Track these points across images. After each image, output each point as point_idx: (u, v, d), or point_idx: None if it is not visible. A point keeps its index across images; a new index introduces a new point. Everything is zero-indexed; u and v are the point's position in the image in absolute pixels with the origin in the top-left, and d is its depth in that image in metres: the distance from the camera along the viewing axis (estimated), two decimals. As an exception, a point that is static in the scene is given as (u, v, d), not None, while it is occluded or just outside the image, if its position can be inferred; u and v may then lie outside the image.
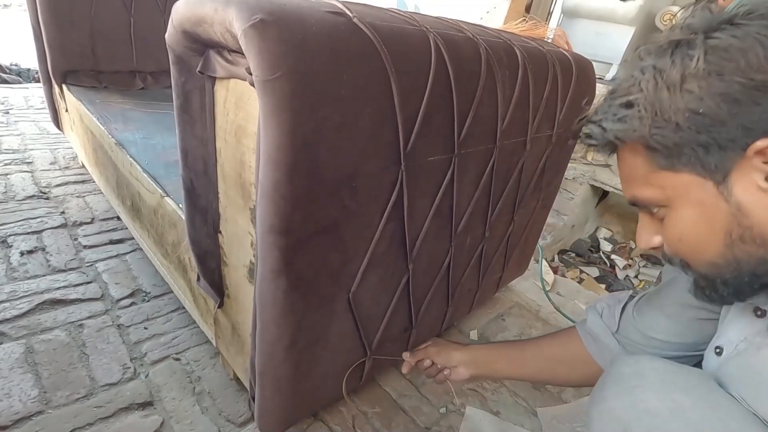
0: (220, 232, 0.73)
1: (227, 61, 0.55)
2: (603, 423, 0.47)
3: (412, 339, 0.92)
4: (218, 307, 0.80)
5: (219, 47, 0.55)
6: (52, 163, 1.72)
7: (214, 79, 0.60)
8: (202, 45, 0.57)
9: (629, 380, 0.47)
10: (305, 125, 0.47)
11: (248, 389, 0.77)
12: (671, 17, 3.45)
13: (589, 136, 0.46)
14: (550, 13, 3.93)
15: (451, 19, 0.72)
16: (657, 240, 0.47)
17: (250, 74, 0.48)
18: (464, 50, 0.65)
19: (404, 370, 0.87)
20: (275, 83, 0.44)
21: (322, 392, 0.77)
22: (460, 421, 0.90)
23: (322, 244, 0.57)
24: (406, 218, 0.67)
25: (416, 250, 0.74)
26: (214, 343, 0.89)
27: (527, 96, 0.80)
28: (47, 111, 1.73)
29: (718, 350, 0.51)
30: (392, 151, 0.59)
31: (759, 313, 0.45)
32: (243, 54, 0.51)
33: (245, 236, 0.65)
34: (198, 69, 0.59)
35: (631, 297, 0.69)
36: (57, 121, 1.72)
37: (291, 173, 0.48)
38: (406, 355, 0.86)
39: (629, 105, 0.42)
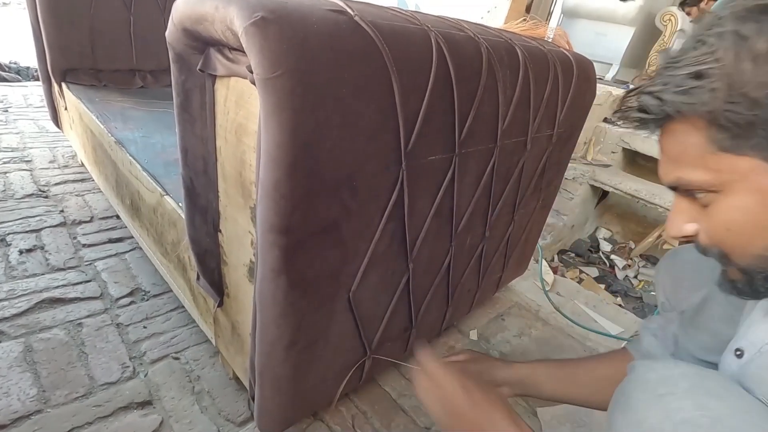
0: (220, 231, 0.72)
1: (228, 59, 0.55)
2: None
3: (412, 339, 0.92)
4: (218, 306, 0.80)
5: (219, 45, 0.55)
6: (51, 162, 1.71)
7: (214, 78, 0.60)
8: (202, 43, 0.57)
9: (657, 387, 0.43)
10: (306, 124, 0.47)
11: (248, 389, 0.77)
12: (671, 18, 3.46)
13: (640, 108, 0.41)
14: (550, 14, 3.93)
15: (452, 19, 0.72)
16: (691, 228, 0.43)
17: (251, 72, 0.47)
18: (465, 49, 0.65)
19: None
20: (276, 81, 0.44)
21: (321, 392, 0.77)
22: None
23: (323, 243, 0.57)
24: (407, 218, 0.67)
25: (416, 249, 0.74)
26: (214, 343, 0.89)
27: (528, 96, 0.80)
28: (46, 109, 1.73)
29: (738, 352, 0.49)
30: (393, 150, 0.59)
31: None
32: (244, 52, 0.50)
33: (245, 235, 0.65)
34: (198, 67, 0.58)
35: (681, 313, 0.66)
36: (56, 119, 1.71)
37: (291, 172, 0.48)
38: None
39: (699, 75, 0.37)
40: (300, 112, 0.46)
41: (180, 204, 0.88)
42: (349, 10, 0.51)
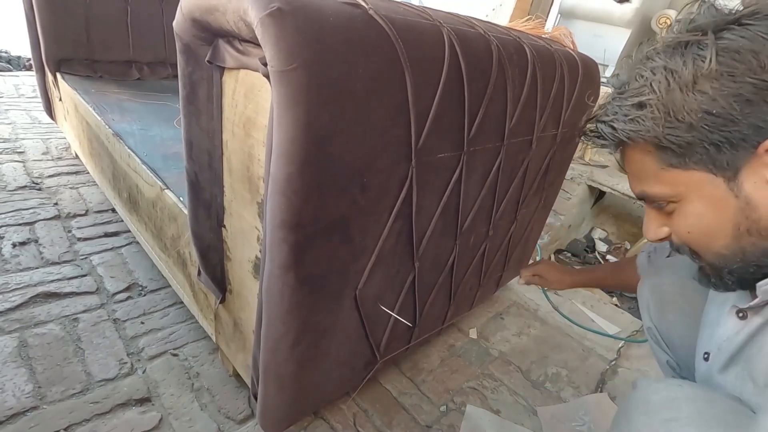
0: (224, 227, 0.71)
1: (238, 51, 0.53)
2: None
3: (414, 337, 0.92)
4: (219, 302, 0.79)
5: (230, 36, 0.54)
6: (44, 153, 1.68)
7: (222, 70, 0.59)
8: (211, 34, 0.55)
9: (661, 412, 0.44)
10: (320, 118, 0.46)
11: (249, 386, 0.76)
12: (667, 20, 3.49)
13: (598, 135, 0.47)
14: (548, 14, 3.93)
15: (462, 15, 0.71)
16: (665, 231, 0.48)
17: (264, 65, 0.46)
18: (476, 46, 0.64)
19: (522, 281, 1.06)
20: (291, 74, 0.43)
21: (325, 390, 0.76)
22: (460, 419, 0.90)
23: (332, 240, 0.56)
24: (414, 216, 0.67)
25: (422, 248, 0.74)
26: (214, 339, 0.88)
27: (535, 95, 0.80)
28: (39, 100, 1.70)
29: (705, 356, 0.52)
30: (403, 146, 0.58)
31: (741, 315, 0.47)
32: (255, 44, 0.50)
33: (251, 231, 0.64)
34: (207, 59, 0.57)
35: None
36: (50, 110, 1.68)
37: (304, 167, 0.47)
38: (523, 272, 1.05)
39: (641, 106, 0.42)
40: (315, 106, 0.45)
41: (181, 198, 0.87)
42: (363, 4, 0.50)
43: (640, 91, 0.42)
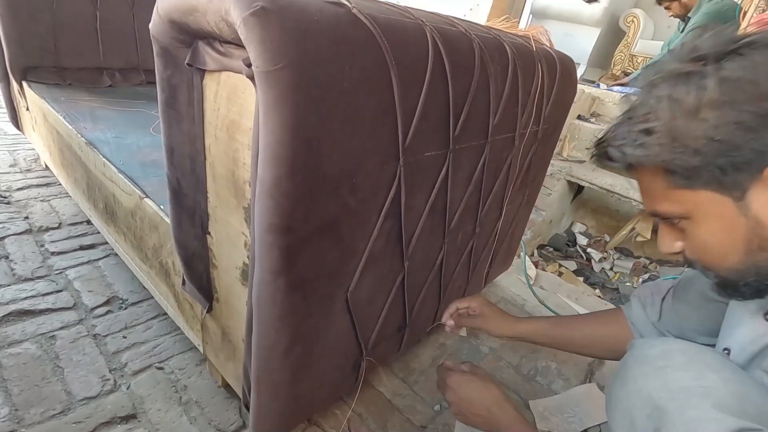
0: (209, 234, 0.69)
1: (219, 52, 0.52)
2: (632, 402, 0.47)
3: (406, 338, 0.91)
4: (206, 311, 0.76)
5: (210, 38, 0.52)
6: (11, 166, 1.61)
7: (203, 72, 0.57)
8: (190, 36, 0.54)
9: (656, 361, 0.48)
10: (308, 119, 0.45)
11: (240, 396, 0.74)
12: (633, 19, 3.61)
13: (610, 158, 0.48)
14: (520, 15, 4.01)
15: (443, 14, 0.71)
16: (678, 246, 0.49)
17: (248, 66, 0.45)
18: (459, 45, 0.64)
19: (448, 329, 0.90)
20: (278, 74, 0.42)
21: (318, 395, 0.75)
22: (454, 418, 0.90)
23: (323, 242, 0.55)
24: (403, 215, 0.66)
25: (412, 247, 0.73)
26: (201, 350, 0.86)
27: (517, 92, 0.81)
28: (4, 110, 1.62)
29: (726, 351, 0.52)
30: (391, 146, 0.58)
31: None
32: (238, 45, 0.49)
33: (238, 237, 0.62)
34: (186, 61, 0.56)
35: (669, 290, 0.72)
36: (16, 120, 1.61)
37: (293, 170, 0.46)
38: (448, 322, 0.88)
39: (648, 132, 0.43)
40: (302, 107, 0.44)
41: (162, 206, 0.84)
42: (346, 3, 0.49)
43: (647, 118, 0.44)
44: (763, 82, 0.39)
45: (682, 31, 2.58)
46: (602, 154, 0.49)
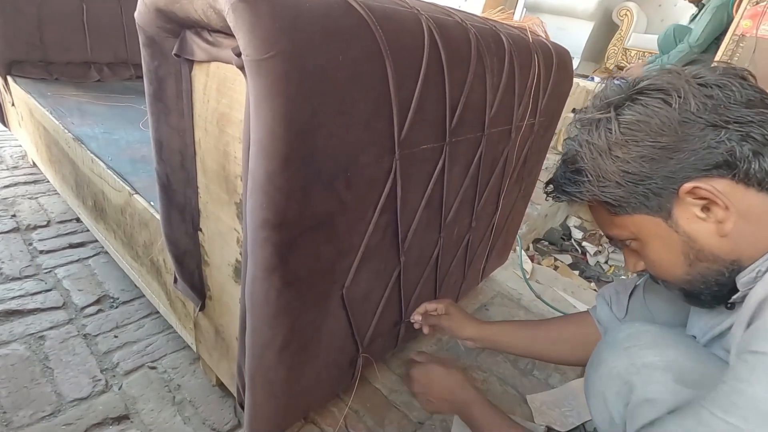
0: (201, 230, 0.68)
1: (208, 42, 0.50)
2: (603, 382, 0.54)
3: (402, 334, 0.90)
4: (199, 310, 0.75)
5: (198, 27, 0.50)
6: (-2, 163, 1.58)
7: (191, 63, 0.55)
8: (178, 25, 0.52)
9: (624, 342, 0.54)
10: (301, 110, 0.44)
11: (235, 395, 0.73)
12: (627, 12, 3.61)
13: (556, 196, 0.56)
14: (514, 8, 3.99)
15: (438, 4, 0.70)
16: (641, 265, 0.54)
17: (238, 55, 0.44)
18: (455, 35, 0.63)
19: (416, 325, 0.85)
20: (268, 63, 0.40)
21: (314, 393, 0.74)
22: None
23: (317, 238, 0.54)
24: (399, 209, 0.65)
25: (408, 242, 0.72)
26: (194, 349, 0.84)
27: (513, 84, 0.80)
28: (-11, 106, 1.59)
29: (693, 338, 0.56)
30: (387, 139, 0.56)
31: (729, 305, 0.50)
32: (227, 34, 0.47)
33: (230, 233, 0.61)
34: (174, 52, 0.54)
35: (636, 286, 0.72)
36: (2, 116, 1.57)
37: (286, 163, 0.45)
38: (416, 317, 0.84)
39: (578, 172, 0.51)
40: (295, 97, 0.42)
41: (152, 203, 0.82)
42: (340, -10, 0.48)
43: (575, 159, 0.51)
44: (653, 120, 0.45)
45: (693, 19, 2.70)
46: (551, 193, 0.57)
